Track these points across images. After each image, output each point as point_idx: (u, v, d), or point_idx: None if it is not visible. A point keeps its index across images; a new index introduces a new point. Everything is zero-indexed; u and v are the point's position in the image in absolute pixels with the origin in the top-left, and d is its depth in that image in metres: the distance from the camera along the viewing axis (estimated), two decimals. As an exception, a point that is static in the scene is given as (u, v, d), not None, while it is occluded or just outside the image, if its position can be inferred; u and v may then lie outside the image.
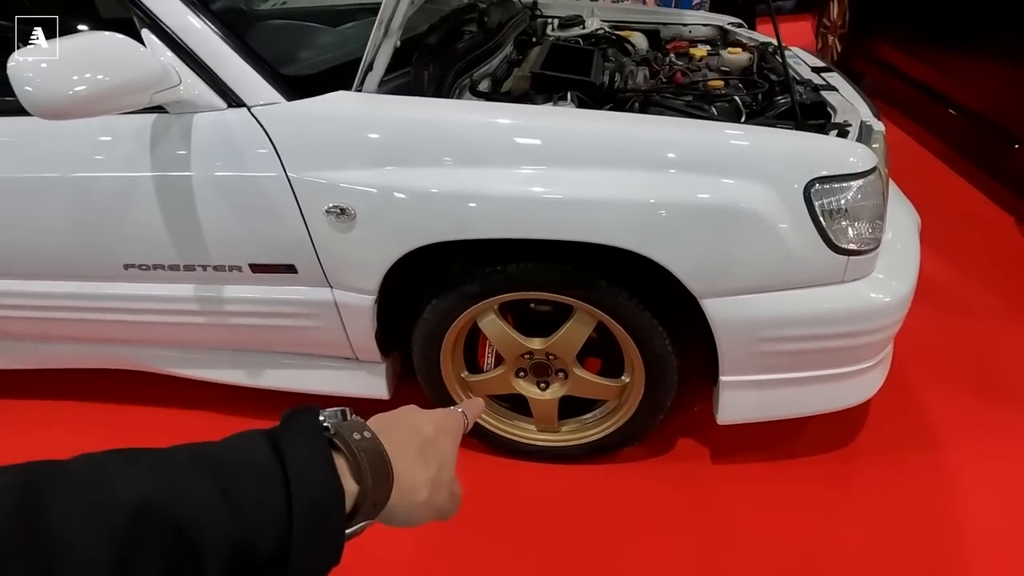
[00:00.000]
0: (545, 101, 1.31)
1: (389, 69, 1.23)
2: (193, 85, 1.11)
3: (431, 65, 1.29)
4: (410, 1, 1.08)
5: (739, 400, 1.26)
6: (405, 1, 1.06)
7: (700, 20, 2.22)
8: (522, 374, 1.37)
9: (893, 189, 1.50)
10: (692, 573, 1.23)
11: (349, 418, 0.39)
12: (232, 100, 1.12)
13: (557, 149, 1.06)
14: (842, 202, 1.04)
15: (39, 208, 1.29)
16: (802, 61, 1.73)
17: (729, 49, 1.84)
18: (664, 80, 1.66)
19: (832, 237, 1.06)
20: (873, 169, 1.06)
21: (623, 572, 1.24)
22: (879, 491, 1.35)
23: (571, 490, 1.42)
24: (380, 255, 1.17)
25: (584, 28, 2.11)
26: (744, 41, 2.01)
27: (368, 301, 1.25)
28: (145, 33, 1.11)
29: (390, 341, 1.40)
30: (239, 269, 1.27)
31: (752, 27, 4.32)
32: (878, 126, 1.30)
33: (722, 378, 1.23)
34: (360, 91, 1.12)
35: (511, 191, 1.05)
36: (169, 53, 1.10)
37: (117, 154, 1.20)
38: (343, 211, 1.13)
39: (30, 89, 0.93)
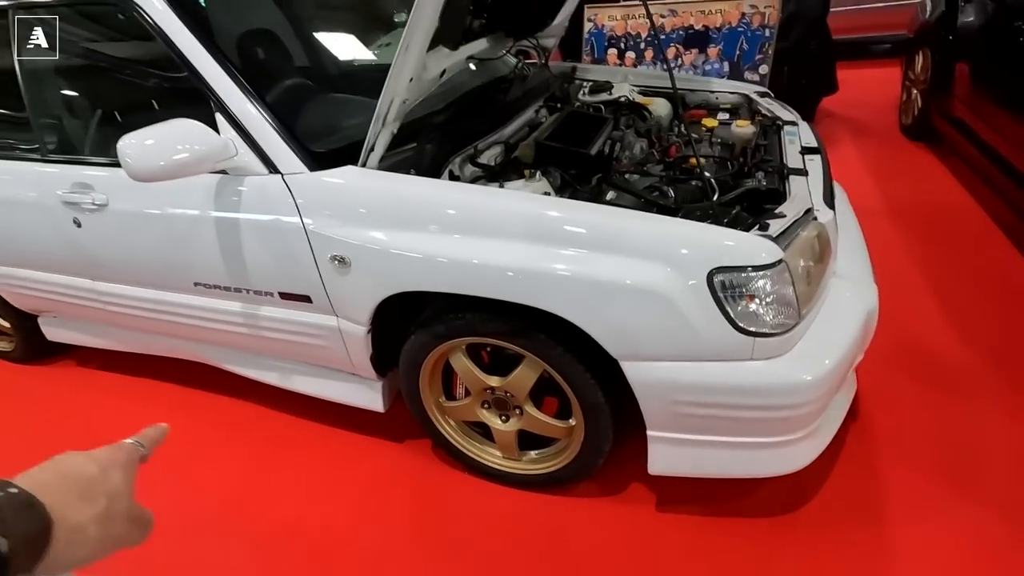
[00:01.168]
0: (519, 176, 1.54)
1: (403, 142, 1.53)
2: (246, 156, 1.47)
3: (432, 142, 1.58)
4: (403, 101, 1.36)
5: (666, 454, 1.39)
6: (398, 102, 1.34)
7: (728, 88, 2.32)
8: (486, 406, 1.59)
9: (858, 266, 1.56)
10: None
11: None
12: (272, 168, 1.46)
13: (501, 224, 1.28)
14: (744, 289, 1.17)
15: (141, 233, 1.72)
16: (798, 139, 1.81)
17: (738, 122, 1.96)
18: (657, 153, 1.83)
19: (736, 319, 1.18)
20: (777, 262, 1.17)
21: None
22: (806, 560, 1.41)
23: (525, 514, 1.60)
24: (368, 296, 1.45)
25: (610, 94, 2.30)
26: (764, 112, 2.11)
27: (362, 331, 1.53)
28: (218, 116, 1.48)
29: (390, 364, 1.67)
30: (271, 295, 1.62)
31: (834, 75, 4.25)
32: (825, 216, 1.38)
33: (649, 432, 1.37)
34: (364, 167, 1.41)
35: (461, 255, 1.29)
36: (232, 132, 1.47)
37: (192, 200, 1.58)
38: (342, 260, 1.43)
39: (129, 161, 1.31)
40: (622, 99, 2.23)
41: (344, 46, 2.25)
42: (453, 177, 1.57)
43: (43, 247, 1.93)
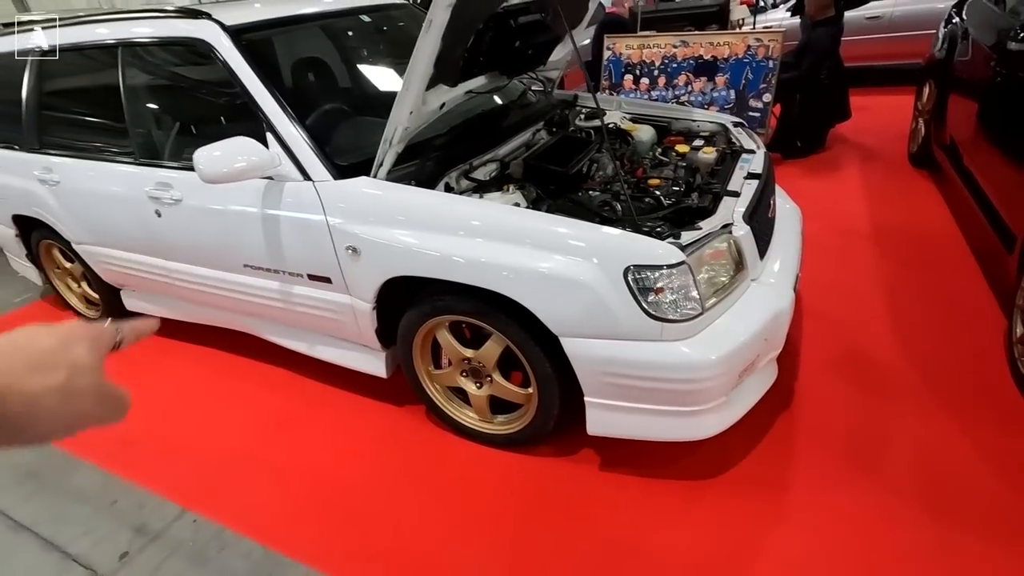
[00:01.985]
0: (497, 189, 1.90)
1: (413, 157, 1.91)
2: (287, 166, 1.89)
3: (432, 159, 1.96)
4: (405, 128, 1.74)
5: (600, 417, 1.71)
6: (400, 130, 1.72)
7: (708, 118, 2.62)
8: (465, 374, 1.95)
9: (782, 276, 1.82)
10: (535, 539, 1.70)
11: None
12: (306, 176, 1.88)
13: (470, 226, 1.64)
14: (653, 284, 1.49)
15: (206, 223, 2.17)
16: (747, 167, 2.09)
17: (704, 149, 2.28)
18: (625, 172, 2.16)
19: (647, 307, 1.50)
20: (679, 263, 1.49)
21: (496, 529, 1.75)
22: (715, 514, 1.69)
23: (489, 465, 1.95)
24: (373, 279, 1.84)
25: (600, 121, 2.63)
26: (734, 142, 2.40)
27: (368, 307, 1.92)
28: (268, 135, 1.91)
29: (392, 340, 2.05)
30: (301, 276, 2.03)
31: (846, 103, 4.42)
32: (740, 230, 1.68)
33: (586, 398, 1.70)
34: (375, 178, 1.81)
35: (440, 249, 1.66)
36: (278, 147, 1.89)
37: (245, 199, 2.01)
38: (355, 249, 1.82)
39: (201, 167, 1.75)
40: (610, 125, 2.57)
41: (368, 77, 2.68)
42: (449, 188, 1.95)
43: (131, 231, 2.42)
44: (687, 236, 1.58)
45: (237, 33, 2.00)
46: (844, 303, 2.58)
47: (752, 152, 2.25)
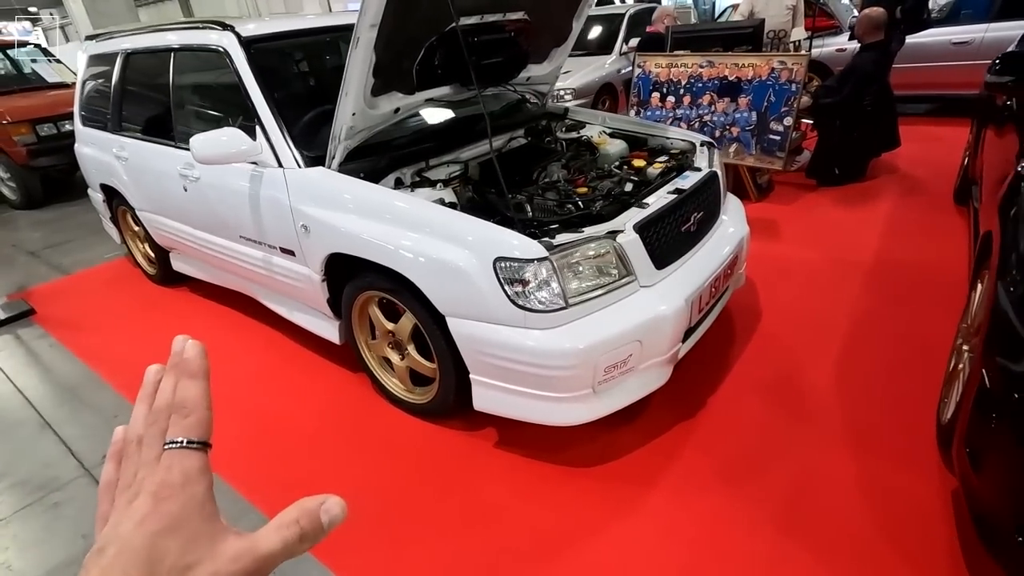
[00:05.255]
0: (431, 186, 2.14)
1: (371, 154, 2.21)
2: (267, 155, 2.26)
3: (387, 157, 2.24)
4: (350, 127, 2.04)
5: (483, 394, 1.89)
6: (346, 128, 2.02)
7: (681, 136, 2.70)
8: (391, 346, 2.21)
9: (677, 286, 1.90)
10: (421, 489, 1.90)
11: None
12: (280, 164, 2.24)
13: (386, 215, 1.90)
14: (518, 275, 1.67)
15: (215, 198, 2.61)
16: (681, 183, 2.17)
17: (655, 164, 2.39)
18: (568, 179, 2.32)
19: (511, 296, 1.68)
20: (543, 259, 1.65)
21: (395, 478, 1.98)
22: (575, 497, 1.81)
23: (405, 430, 2.19)
24: (319, 254, 2.15)
25: (578, 133, 2.81)
26: (693, 159, 2.49)
27: (319, 278, 2.24)
28: (256, 128, 2.29)
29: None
30: (276, 248, 2.40)
31: (894, 132, 4.20)
32: (626, 238, 1.80)
33: (471, 376, 1.89)
34: (328, 168, 2.12)
35: (361, 232, 1.93)
36: (263, 139, 2.27)
37: (239, 180, 2.41)
38: (307, 228, 2.15)
39: (196, 149, 2.15)
40: (583, 138, 2.74)
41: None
42: (399, 182, 2.22)
43: (170, 202, 2.94)
44: (563, 237, 1.74)
45: (248, 43, 2.41)
46: (801, 330, 2.54)
47: (698, 170, 2.32)
